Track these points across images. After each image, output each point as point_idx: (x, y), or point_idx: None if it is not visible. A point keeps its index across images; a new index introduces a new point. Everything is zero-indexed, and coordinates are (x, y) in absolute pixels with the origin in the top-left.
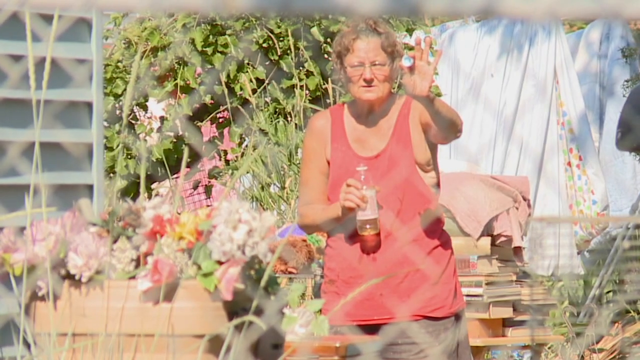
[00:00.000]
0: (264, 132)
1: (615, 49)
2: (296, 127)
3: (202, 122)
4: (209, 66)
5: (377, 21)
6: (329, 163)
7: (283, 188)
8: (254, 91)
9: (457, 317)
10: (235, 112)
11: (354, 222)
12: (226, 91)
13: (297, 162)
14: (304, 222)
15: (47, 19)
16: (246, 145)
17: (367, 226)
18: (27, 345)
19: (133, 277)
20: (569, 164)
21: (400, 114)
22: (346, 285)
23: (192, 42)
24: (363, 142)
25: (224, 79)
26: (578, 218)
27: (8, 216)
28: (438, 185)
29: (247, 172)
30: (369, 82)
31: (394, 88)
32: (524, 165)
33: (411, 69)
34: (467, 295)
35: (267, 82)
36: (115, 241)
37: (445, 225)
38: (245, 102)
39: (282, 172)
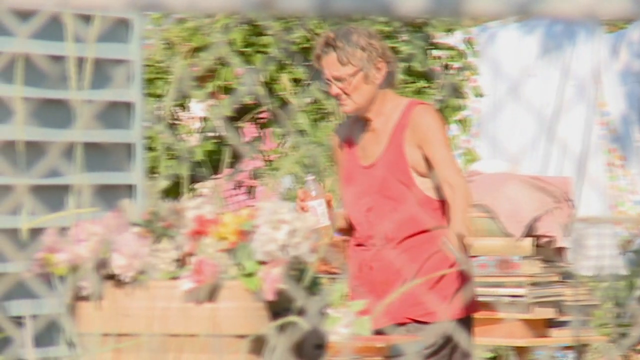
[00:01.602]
0: (304, 132)
1: None
2: None
3: (243, 122)
4: (249, 66)
5: (338, 34)
6: None
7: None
8: (293, 92)
9: (460, 322)
10: (276, 113)
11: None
12: (267, 92)
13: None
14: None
15: (88, 20)
16: (289, 146)
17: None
18: (71, 345)
19: (176, 278)
20: (611, 164)
21: (399, 124)
22: (353, 292)
23: (233, 42)
24: (365, 150)
25: (264, 79)
26: (621, 218)
27: (51, 216)
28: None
29: (289, 173)
30: (338, 98)
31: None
32: (565, 166)
33: None
34: (510, 296)
35: (307, 82)
36: (157, 241)
37: (486, 225)
38: (285, 102)
39: (322, 173)
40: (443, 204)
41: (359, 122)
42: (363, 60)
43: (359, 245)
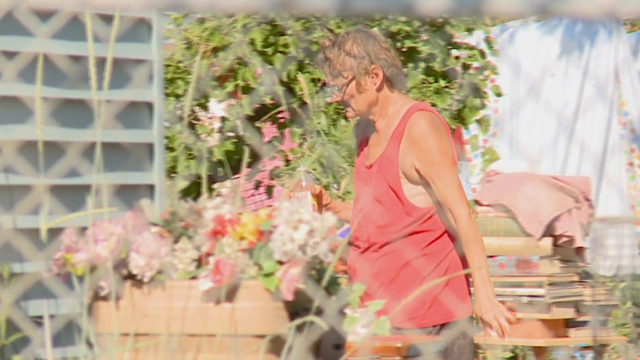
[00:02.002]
0: (323, 132)
1: None
2: None
3: (262, 122)
4: (269, 66)
5: (333, 43)
6: None
7: (338, 188)
8: (315, 91)
9: (441, 328)
10: (295, 113)
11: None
12: (286, 91)
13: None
14: None
15: (108, 19)
16: (307, 146)
17: None
18: (90, 345)
19: (194, 277)
20: (631, 164)
21: (397, 129)
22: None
23: (252, 42)
24: (370, 149)
25: (284, 79)
26: None
27: (70, 216)
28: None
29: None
30: (342, 105)
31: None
32: (585, 166)
33: None
34: (529, 296)
35: (326, 82)
36: (176, 241)
37: (505, 225)
38: (305, 102)
39: (338, 173)
40: (431, 212)
41: (371, 121)
42: (354, 69)
43: (350, 244)
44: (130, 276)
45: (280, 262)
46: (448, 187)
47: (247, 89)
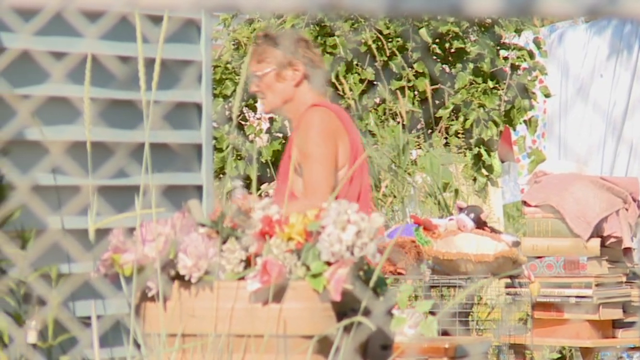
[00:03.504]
0: (370, 133)
1: None
2: (404, 128)
3: None
4: None
5: (268, 33)
6: None
7: (378, 190)
8: (362, 92)
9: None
10: None
11: None
12: (334, 92)
13: (402, 164)
14: None
15: (156, 20)
16: None
17: None
18: (137, 345)
19: (242, 278)
20: None
21: (297, 124)
22: None
23: None
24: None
25: (333, 79)
26: None
27: (118, 217)
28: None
29: None
30: (257, 95)
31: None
32: (633, 166)
33: None
34: (577, 297)
35: (374, 83)
36: (224, 242)
37: (553, 226)
38: (353, 102)
39: (380, 174)
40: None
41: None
42: (278, 58)
43: None
44: (178, 277)
45: (328, 263)
46: (311, 178)
47: None
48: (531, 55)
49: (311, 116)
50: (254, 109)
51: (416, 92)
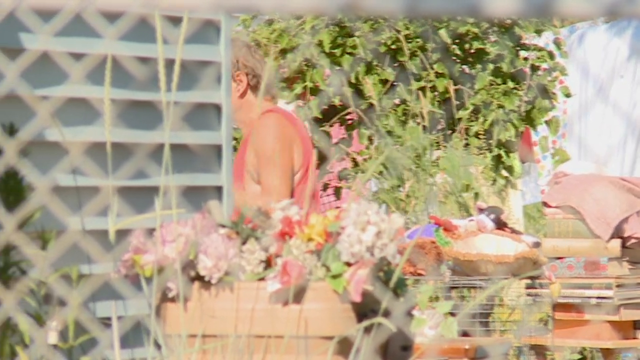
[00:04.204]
0: (389, 133)
1: None
2: (424, 129)
3: (330, 123)
4: (337, 68)
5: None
6: None
7: (396, 191)
8: (382, 93)
9: None
10: (363, 114)
11: None
12: (354, 93)
13: (424, 165)
14: None
15: (175, 21)
16: (374, 147)
17: None
18: (158, 346)
19: (262, 279)
20: None
21: (250, 132)
22: None
23: (321, 43)
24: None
25: (352, 80)
26: None
27: (138, 218)
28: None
29: (373, 176)
30: None
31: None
32: None
33: None
34: (598, 298)
35: (394, 83)
36: (244, 243)
37: (574, 227)
38: (373, 103)
39: (402, 175)
40: None
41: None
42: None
43: None
44: (198, 277)
45: (348, 264)
46: (272, 181)
47: (315, 91)
48: (551, 55)
49: (267, 122)
50: None
51: (436, 93)
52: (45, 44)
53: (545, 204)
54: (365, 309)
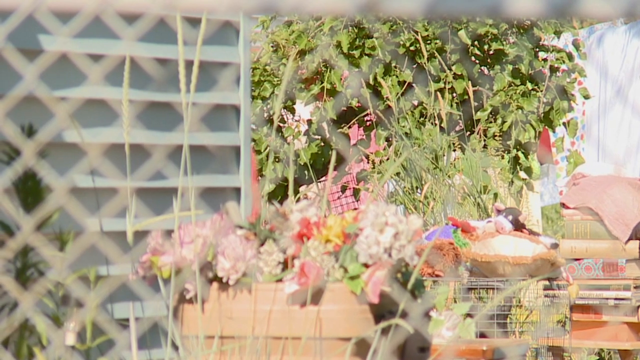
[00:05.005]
0: (406, 135)
1: None
2: (442, 131)
3: (348, 125)
4: (356, 69)
5: None
6: None
7: (415, 192)
8: (400, 94)
9: None
10: (381, 115)
11: None
12: (372, 94)
13: (442, 166)
14: None
15: (194, 22)
16: (392, 149)
17: None
18: (175, 347)
19: (280, 280)
20: None
21: None
22: None
23: (339, 45)
24: None
25: (371, 81)
26: None
27: (156, 219)
28: None
29: (391, 177)
30: None
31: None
32: None
33: None
34: (616, 299)
35: (412, 85)
36: (262, 244)
37: (592, 228)
38: (390, 105)
39: (420, 177)
40: None
41: None
42: None
43: None
44: (216, 279)
45: (366, 265)
46: None
47: (333, 92)
48: (570, 57)
49: None
50: (292, 111)
51: (454, 94)
52: (64, 45)
53: (563, 205)
54: (382, 310)
